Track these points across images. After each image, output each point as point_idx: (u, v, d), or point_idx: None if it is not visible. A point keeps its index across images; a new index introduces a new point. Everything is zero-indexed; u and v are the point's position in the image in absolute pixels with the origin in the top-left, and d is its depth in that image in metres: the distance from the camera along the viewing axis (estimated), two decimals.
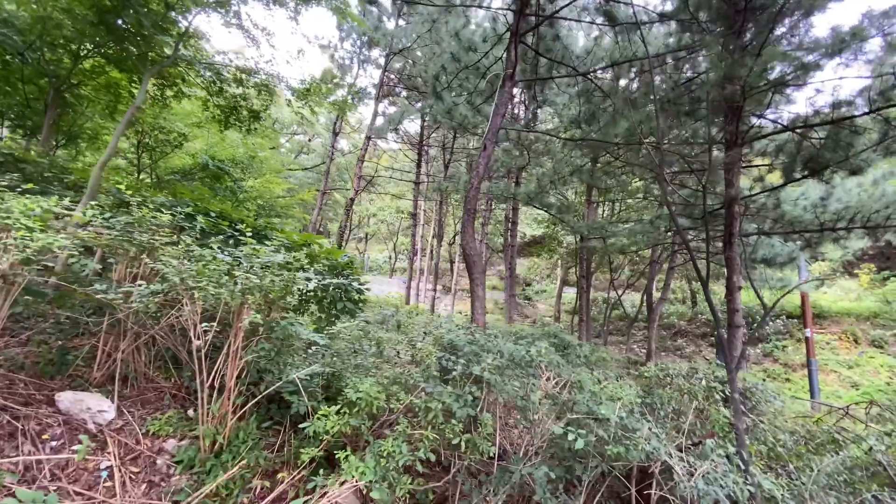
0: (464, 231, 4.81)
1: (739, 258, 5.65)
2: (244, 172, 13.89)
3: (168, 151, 12.40)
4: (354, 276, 5.53)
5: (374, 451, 2.73)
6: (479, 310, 4.68)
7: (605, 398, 3.27)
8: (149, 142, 11.81)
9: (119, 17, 5.85)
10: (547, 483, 2.91)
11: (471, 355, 3.22)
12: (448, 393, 2.82)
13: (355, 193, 12.76)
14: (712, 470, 3.17)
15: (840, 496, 3.78)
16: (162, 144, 12.16)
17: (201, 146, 12.15)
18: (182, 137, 12.31)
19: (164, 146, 12.21)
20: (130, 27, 5.81)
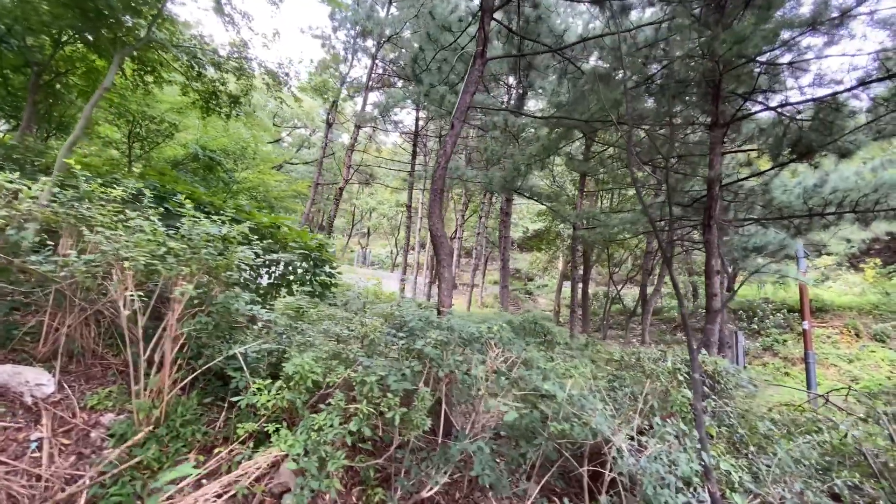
0: (430, 211, 4.72)
1: (718, 242, 5.50)
2: (237, 163, 13.87)
3: (159, 141, 12.39)
4: (323, 260, 5.47)
5: (306, 425, 2.66)
6: (446, 291, 4.59)
7: (556, 376, 3.17)
8: (140, 132, 11.82)
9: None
10: (490, 460, 2.83)
11: (417, 331, 3.14)
12: (382, 366, 2.74)
13: (344, 182, 12.68)
14: (666, 449, 3.07)
15: (809, 481, 3.66)
16: (153, 134, 12.16)
17: (192, 137, 12.15)
18: (173, 127, 12.30)
19: (154, 136, 12.21)
20: (101, 8, 5.76)
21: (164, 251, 2.92)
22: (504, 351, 3.25)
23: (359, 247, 42.43)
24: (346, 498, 3.03)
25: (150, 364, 3.00)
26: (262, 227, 5.10)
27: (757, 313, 18.10)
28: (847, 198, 6.35)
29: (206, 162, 12.43)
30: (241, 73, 7.01)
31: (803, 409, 5.68)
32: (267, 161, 14.13)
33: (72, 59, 8.12)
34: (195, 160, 12.45)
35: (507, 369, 3.15)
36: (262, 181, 14.61)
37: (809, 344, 12.42)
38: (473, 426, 3.07)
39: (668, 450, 3.02)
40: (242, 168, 14.39)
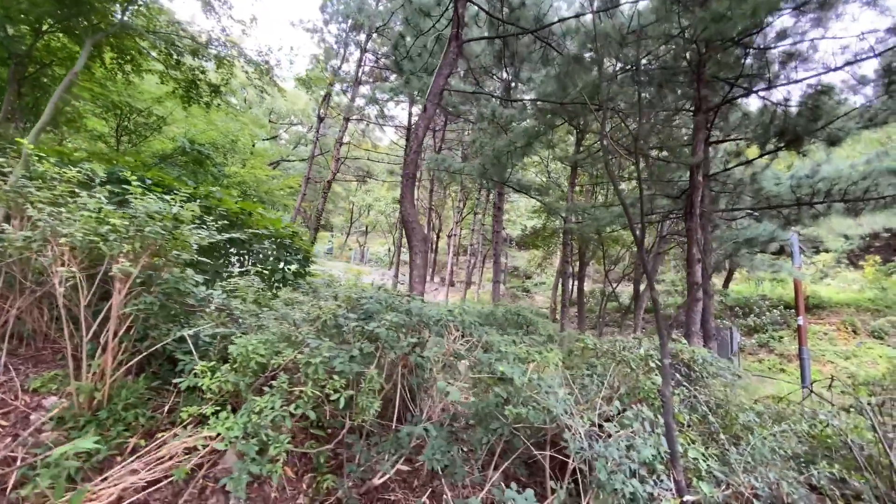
0: (402, 197, 4.61)
1: (701, 230, 5.37)
2: (227, 157, 13.77)
3: (147, 135, 12.31)
4: (296, 248, 5.37)
5: (248, 407, 2.55)
6: (417, 278, 4.49)
7: (516, 359, 3.06)
8: (127, 125, 11.73)
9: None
10: (443, 445, 2.72)
11: (373, 313, 3.03)
12: (329, 347, 2.63)
13: (332, 176, 12.58)
14: (628, 435, 2.96)
15: (786, 472, 3.54)
16: (141, 128, 12.08)
17: (180, 130, 12.07)
18: (161, 121, 12.21)
19: (142, 129, 12.12)
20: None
21: (108, 229, 2.81)
22: (464, 334, 3.14)
23: (357, 245, 42.35)
24: (296, 485, 2.93)
25: (98, 346, 2.90)
26: (232, 214, 5.00)
27: (753, 310, 17.93)
28: (836, 186, 6.21)
29: (194, 156, 12.32)
30: (220, 61, 6.90)
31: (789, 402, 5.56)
32: (258, 156, 14.04)
33: (54, 49, 8.04)
34: (184, 154, 12.35)
35: (466, 352, 3.04)
36: (254, 176, 14.51)
37: (804, 340, 12.27)
38: (431, 410, 2.96)
39: (630, 436, 2.91)
40: (233, 163, 14.30)
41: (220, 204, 5.05)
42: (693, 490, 3.00)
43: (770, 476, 3.35)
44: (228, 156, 13.84)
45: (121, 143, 12.13)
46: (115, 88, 8.46)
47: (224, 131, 12.21)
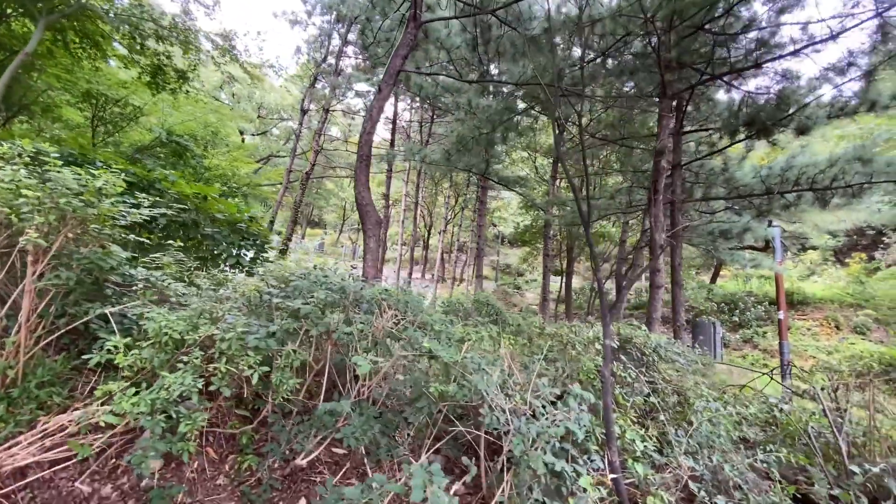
0: (357, 179, 4.52)
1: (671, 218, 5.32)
2: (207, 149, 13.60)
3: (123, 125, 12.13)
4: (252, 233, 5.28)
5: (159, 384, 2.47)
6: (371, 262, 4.40)
7: (451, 339, 2.99)
8: (103, 115, 11.55)
9: None
10: (365, 424, 2.64)
11: (302, 290, 2.95)
12: (244, 323, 2.54)
13: (311, 167, 12.46)
14: (554, 413, 2.89)
15: (732, 456, 3.49)
16: (117, 118, 11.89)
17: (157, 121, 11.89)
18: (137, 111, 12.03)
19: (118, 120, 11.94)
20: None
21: (22, 201, 2.71)
22: (399, 313, 3.06)
23: (349, 241, 42.22)
24: (219, 466, 2.85)
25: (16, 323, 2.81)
26: (185, 197, 4.89)
27: (739, 306, 17.96)
28: (804, 175, 6.17)
29: (173, 147, 12.16)
30: (186, 45, 6.78)
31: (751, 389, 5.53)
32: (240, 148, 13.89)
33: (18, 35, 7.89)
34: (162, 145, 12.18)
35: (398, 331, 2.96)
36: (236, 169, 14.35)
37: (784, 334, 12.26)
38: (361, 389, 2.88)
39: (561, 414, 2.84)
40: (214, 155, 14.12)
41: (174, 187, 4.95)
42: (626, 471, 2.94)
43: (713, 459, 3.29)
44: (209, 148, 13.65)
45: (96, 133, 11.95)
46: (83, 75, 8.31)
47: (204, 122, 12.05)
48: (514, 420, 2.41)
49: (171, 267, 3.26)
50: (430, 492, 1.93)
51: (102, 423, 2.46)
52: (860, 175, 5.90)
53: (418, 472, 1.94)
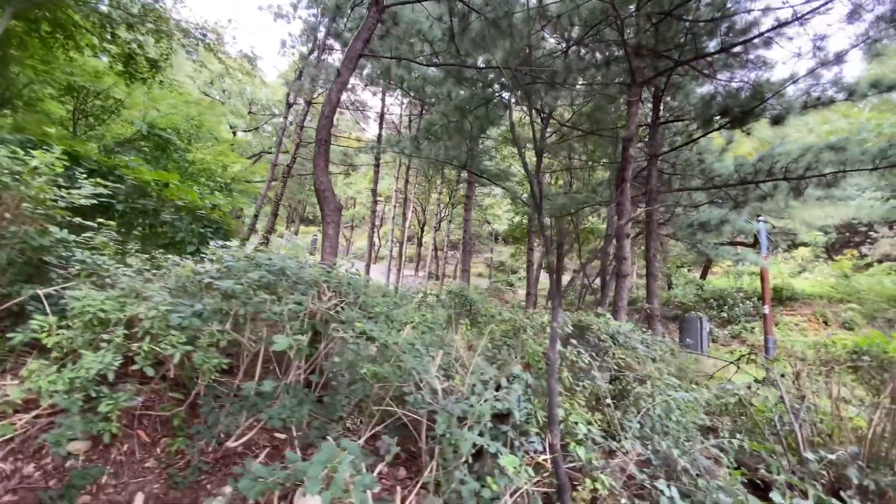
0: (315, 164, 4.46)
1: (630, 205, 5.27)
2: (191, 143, 13.48)
3: (105, 118, 12.01)
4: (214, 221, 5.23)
5: (80, 363, 2.41)
6: (328, 249, 4.35)
7: (393, 321, 2.94)
8: (84, 108, 11.44)
9: None
10: (295, 405, 2.59)
11: (236, 271, 2.89)
12: (168, 302, 2.49)
13: (292, 160, 12.39)
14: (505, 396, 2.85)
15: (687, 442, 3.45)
16: (98, 110, 11.77)
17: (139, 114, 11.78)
18: (119, 103, 11.91)
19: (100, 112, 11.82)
20: None
21: None
22: (338, 295, 3.01)
23: (343, 239, 42.14)
24: (150, 449, 2.79)
25: None
26: (145, 184, 4.83)
27: (728, 302, 17.94)
28: (777, 164, 6.13)
29: (155, 141, 12.04)
30: (158, 34, 6.70)
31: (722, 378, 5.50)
32: (225, 142, 13.80)
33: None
34: (144, 139, 12.07)
35: (336, 313, 2.90)
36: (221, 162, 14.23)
37: (769, 328, 12.26)
38: (298, 370, 2.82)
39: (495, 395, 2.79)
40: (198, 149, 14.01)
41: (132, 173, 4.88)
42: (566, 454, 2.89)
43: (663, 444, 3.25)
44: (193, 142, 13.54)
45: (78, 126, 11.83)
46: (58, 65, 8.22)
47: (185, 115, 11.96)
48: (441, 399, 2.36)
49: (109, 248, 3.20)
50: (342, 470, 1.88)
51: (20, 402, 2.41)
52: (833, 164, 5.86)
53: (327, 448, 1.89)
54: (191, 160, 13.40)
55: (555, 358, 3.11)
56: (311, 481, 1.67)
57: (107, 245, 3.14)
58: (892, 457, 3.71)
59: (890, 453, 3.68)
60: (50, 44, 7.34)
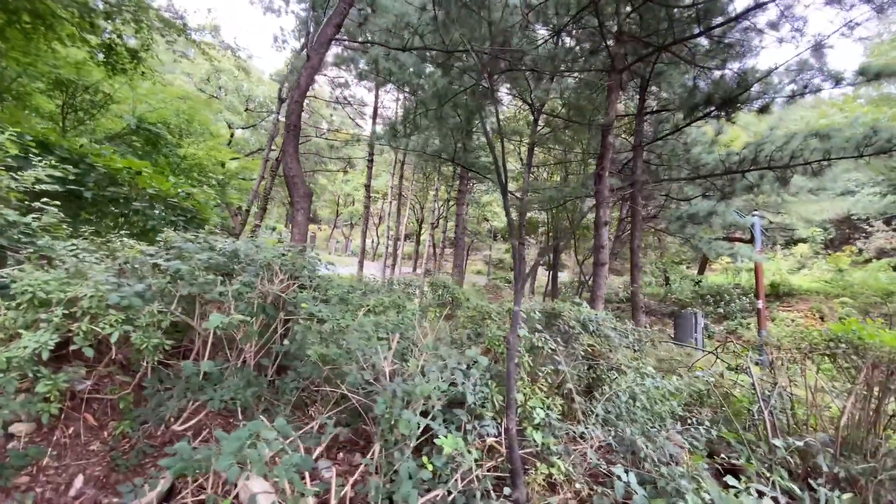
0: (285, 150, 4.40)
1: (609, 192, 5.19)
2: (183, 138, 13.45)
3: (94, 112, 11.98)
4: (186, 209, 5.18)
5: (19, 342, 2.36)
6: (298, 235, 4.29)
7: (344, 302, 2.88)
8: (74, 103, 11.41)
9: None
10: (239, 387, 2.54)
11: (185, 252, 2.84)
12: (109, 282, 2.43)
13: (281, 153, 12.33)
14: (449, 378, 2.79)
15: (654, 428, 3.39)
16: (87, 104, 11.75)
17: (127, 108, 11.74)
18: (108, 98, 11.87)
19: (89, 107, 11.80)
20: None
21: None
22: (291, 277, 2.95)
23: (342, 237, 42.18)
24: (97, 432, 2.75)
25: None
26: (115, 171, 4.79)
27: (724, 298, 17.83)
28: (762, 153, 6.04)
29: (145, 135, 12.00)
30: (138, 24, 6.64)
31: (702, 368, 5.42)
32: (217, 137, 13.75)
33: None
34: (134, 133, 12.02)
35: (290, 294, 2.85)
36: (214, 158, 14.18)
37: (763, 323, 12.16)
38: (248, 352, 2.77)
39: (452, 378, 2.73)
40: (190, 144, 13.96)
41: (103, 161, 4.84)
42: (522, 438, 2.83)
43: (627, 431, 3.19)
44: (185, 137, 13.50)
45: (67, 120, 11.79)
46: (40, 57, 8.17)
47: (175, 109, 11.92)
48: (385, 381, 2.30)
49: (61, 230, 3.15)
50: (261, 448, 1.83)
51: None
52: (818, 152, 5.76)
53: (252, 426, 1.84)
54: (182, 155, 13.37)
55: (514, 342, 3.05)
56: (222, 457, 1.61)
57: (59, 227, 3.09)
58: (866, 445, 3.64)
59: (865, 441, 3.61)
60: (31, 35, 7.29)
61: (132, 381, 2.80)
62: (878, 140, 5.37)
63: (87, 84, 10.80)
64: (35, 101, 11.75)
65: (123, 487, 2.16)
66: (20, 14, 7.35)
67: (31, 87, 10.57)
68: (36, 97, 11.52)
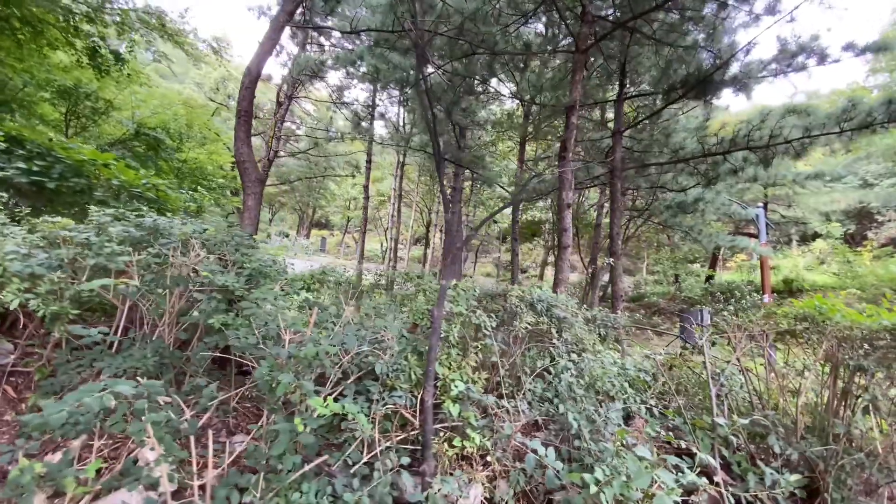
0: (236, 136, 4.43)
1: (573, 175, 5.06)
2: (183, 142, 13.76)
3: (96, 119, 12.35)
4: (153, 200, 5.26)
5: None
6: (248, 220, 4.31)
7: (262, 275, 2.85)
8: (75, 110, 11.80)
9: None
10: (152, 362, 2.52)
11: (102, 223, 2.85)
12: (10, 251, 2.46)
13: (273, 155, 12.50)
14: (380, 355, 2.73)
15: (589, 406, 3.26)
16: (89, 111, 12.13)
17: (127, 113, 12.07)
18: (109, 104, 12.22)
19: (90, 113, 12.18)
20: None
21: None
22: (210, 251, 2.94)
23: (353, 242, 42.50)
24: (15, 404, 2.77)
25: None
26: (77, 163, 4.90)
27: (735, 294, 17.26)
28: (740, 133, 5.83)
29: (146, 140, 12.33)
30: (122, 26, 6.83)
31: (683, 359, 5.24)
32: (217, 141, 14.03)
33: None
34: (135, 138, 12.36)
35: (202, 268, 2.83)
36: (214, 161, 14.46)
37: None
38: (162, 326, 2.76)
39: (362, 350, 2.67)
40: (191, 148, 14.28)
41: (67, 153, 4.96)
42: (439, 411, 2.74)
43: (560, 408, 3.07)
44: (185, 141, 13.81)
45: (70, 127, 12.18)
46: (33, 63, 8.47)
47: (174, 114, 12.22)
48: (269, 344, 2.25)
49: None
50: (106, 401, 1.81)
51: None
52: (798, 129, 5.51)
53: (111, 382, 1.81)
54: (183, 159, 13.68)
55: (438, 316, 2.97)
56: (53, 419, 1.58)
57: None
58: (828, 426, 3.43)
59: (826, 422, 3.40)
60: (22, 42, 7.57)
61: (42, 351, 2.82)
62: (858, 114, 5.11)
63: (88, 92, 11.15)
64: (41, 109, 12.18)
65: None
66: (11, 21, 7.63)
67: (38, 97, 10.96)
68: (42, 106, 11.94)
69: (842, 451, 3.23)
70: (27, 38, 7.43)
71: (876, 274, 13.88)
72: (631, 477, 2.25)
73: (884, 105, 4.95)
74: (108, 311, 3.13)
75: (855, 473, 3.13)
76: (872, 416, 3.24)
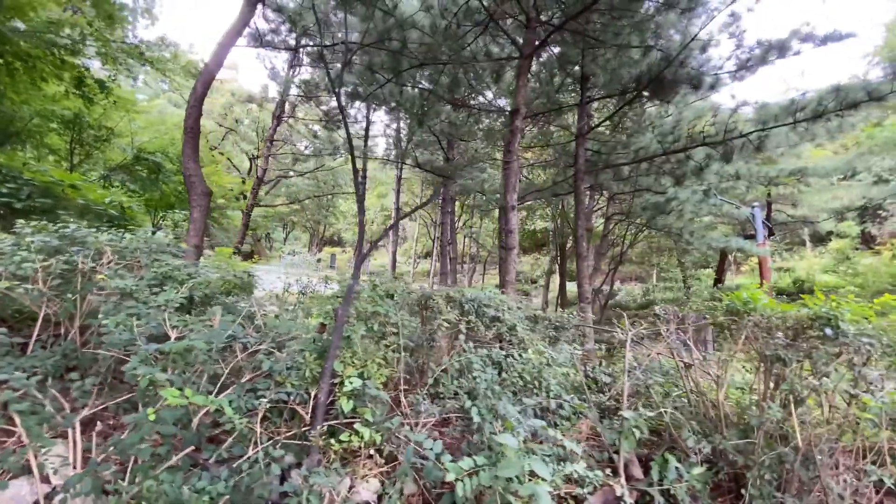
0: (183, 151, 4.64)
1: (518, 175, 5.10)
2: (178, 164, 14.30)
3: (98, 146, 12.95)
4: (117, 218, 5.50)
5: None
6: (193, 232, 4.48)
7: (181, 283, 2.98)
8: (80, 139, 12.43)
9: None
10: (45, 359, 2.65)
11: (26, 237, 3.03)
12: None
13: (263, 172, 12.84)
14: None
15: (510, 404, 3.25)
16: (92, 139, 12.74)
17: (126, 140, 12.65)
18: (109, 131, 12.82)
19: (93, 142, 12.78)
20: None
21: None
22: (123, 259, 3.08)
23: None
24: None
25: None
26: (44, 184, 5.18)
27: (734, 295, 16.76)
28: (695, 128, 5.80)
29: (146, 165, 12.88)
30: (105, 57, 7.25)
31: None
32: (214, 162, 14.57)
33: None
34: (136, 163, 12.91)
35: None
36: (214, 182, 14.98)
37: None
38: (71, 329, 2.90)
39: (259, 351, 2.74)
40: None
41: (34, 175, 5.25)
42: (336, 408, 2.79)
43: (467, 404, 3.07)
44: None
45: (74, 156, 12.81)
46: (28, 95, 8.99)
47: (171, 139, 12.77)
48: (140, 341, 2.35)
49: None
50: None
51: None
52: (751, 123, 5.44)
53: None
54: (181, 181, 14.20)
55: (342, 315, 3.04)
56: None
57: None
58: (747, 419, 3.33)
59: (745, 416, 3.30)
60: (15, 76, 8.06)
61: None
62: (809, 104, 5.02)
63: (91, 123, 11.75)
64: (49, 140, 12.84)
65: None
66: (6, 57, 8.15)
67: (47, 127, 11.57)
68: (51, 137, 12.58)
69: (762, 445, 3.12)
70: (21, 71, 7.94)
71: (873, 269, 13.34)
72: (497, 466, 2.24)
73: (832, 93, 4.86)
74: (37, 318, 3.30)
75: (775, 468, 3.03)
76: (793, 408, 3.13)
